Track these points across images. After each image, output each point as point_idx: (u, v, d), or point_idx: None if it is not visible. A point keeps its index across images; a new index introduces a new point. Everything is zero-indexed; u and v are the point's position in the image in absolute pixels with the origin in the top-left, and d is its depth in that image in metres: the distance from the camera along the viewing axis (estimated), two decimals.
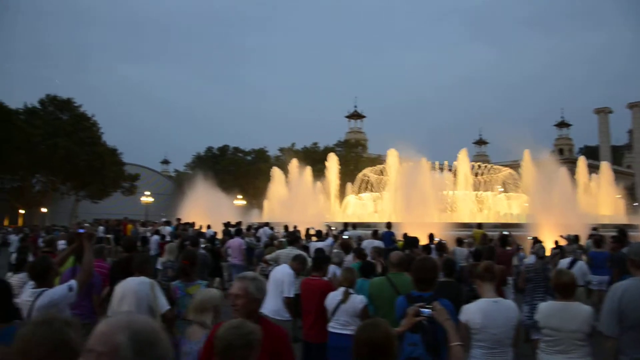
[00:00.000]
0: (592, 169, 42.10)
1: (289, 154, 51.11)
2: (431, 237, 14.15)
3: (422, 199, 23.46)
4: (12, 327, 3.26)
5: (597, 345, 4.42)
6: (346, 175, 40.92)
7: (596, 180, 40.75)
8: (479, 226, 19.43)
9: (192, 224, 22.04)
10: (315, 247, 13.08)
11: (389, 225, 17.45)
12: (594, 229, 18.48)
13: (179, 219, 25.05)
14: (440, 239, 13.64)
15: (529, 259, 9.86)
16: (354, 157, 59.00)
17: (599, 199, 38.68)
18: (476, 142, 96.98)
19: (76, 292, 4.69)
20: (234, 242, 15.35)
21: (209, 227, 21.15)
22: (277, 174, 38.62)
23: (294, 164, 36.61)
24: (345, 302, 5.99)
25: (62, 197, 55.38)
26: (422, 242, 12.73)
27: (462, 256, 13.22)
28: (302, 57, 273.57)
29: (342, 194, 39.21)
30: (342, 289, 6.14)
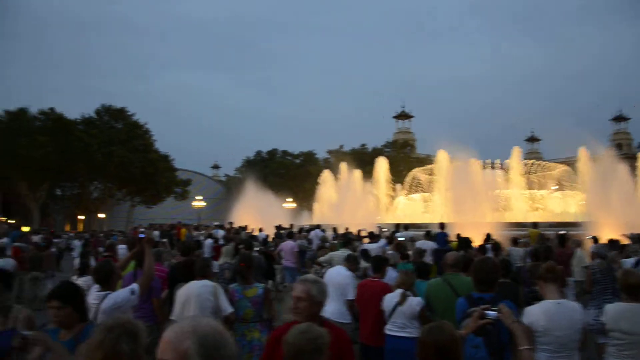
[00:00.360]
0: None
1: (338, 156, 51.09)
2: (488, 237, 13.79)
3: (473, 199, 23.05)
4: (90, 326, 3.42)
5: None
6: (395, 176, 40.55)
7: None
8: (535, 225, 18.88)
9: (244, 227, 22.35)
10: (367, 248, 13.09)
11: (442, 225, 17.06)
12: None
13: (231, 223, 25.45)
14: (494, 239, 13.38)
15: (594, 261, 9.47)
16: (403, 158, 58.46)
17: None
18: (528, 140, 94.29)
19: (138, 295, 4.75)
20: (287, 244, 15.44)
21: (260, 230, 21.34)
22: (326, 176, 38.71)
23: (343, 166, 36.60)
24: (402, 305, 5.93)
25: (118, 203, 57.35)
26: (475, 243, 12.38)
27: (518, 256, 12.93)
28: (347, 59, 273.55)
29: (392, 195, 38.91)
30: (399, 290, 6.07)
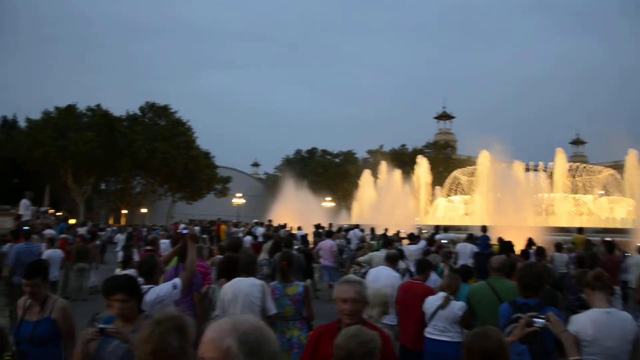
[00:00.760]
0: None
1: (377, 156, 50.92)
2: (530, 241, 13.44)
3: (516, 202, 22.64)
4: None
5: None
6: (435, 177, 40.17)
7: None
8: (580, 231, 18.15)
9: (283, 226, 22.50)
10: (407, 250, 13.06)
11: (484, 228, 16.67)
12: None
13: (270, 220, 25.67)
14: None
15: None
16: (443, 159, 57.84)
17: None
18: (573, 142, 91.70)
19: (180, 290, 4.76)
20: (325, 243, 15.46)
21: (299, 228, 21.38)
22: (366, 176, 38.63)
23: (383, 166, 36.46)
24: (444, 308, 5.86)
25: (159, 199, 58.51)
26: (516, 247, 11.93)
27: (562, 262, 12.63)
28: (386, 59, 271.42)
29: (432, 196, 38.59)
30: (442, 294, 6.00)
